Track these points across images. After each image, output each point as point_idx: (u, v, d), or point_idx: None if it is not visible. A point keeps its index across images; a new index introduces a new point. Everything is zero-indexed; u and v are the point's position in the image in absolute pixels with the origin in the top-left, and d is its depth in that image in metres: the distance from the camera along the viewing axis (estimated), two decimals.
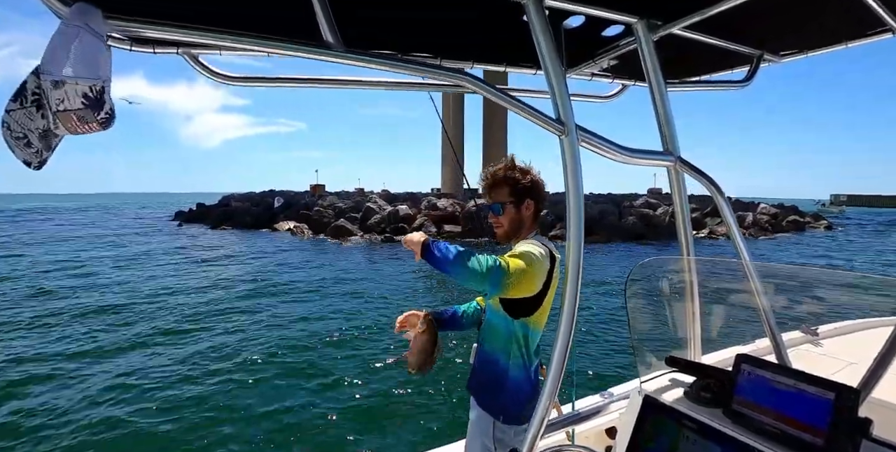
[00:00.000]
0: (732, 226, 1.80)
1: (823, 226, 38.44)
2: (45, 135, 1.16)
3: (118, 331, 8.89)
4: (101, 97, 1.08)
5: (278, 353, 7.72)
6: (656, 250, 24.13)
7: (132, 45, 1.47)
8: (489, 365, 1.70)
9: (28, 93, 1.12)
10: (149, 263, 17.75)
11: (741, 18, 1.79)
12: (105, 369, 6.90)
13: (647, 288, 1.98)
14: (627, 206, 33.03)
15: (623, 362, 7.08)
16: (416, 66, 1.43)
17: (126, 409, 5.62)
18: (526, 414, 1.60)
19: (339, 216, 30.98)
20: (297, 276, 15.25)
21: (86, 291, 12.74)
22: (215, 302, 11.51)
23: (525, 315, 1.64)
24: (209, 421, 5.34)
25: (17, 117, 1.13)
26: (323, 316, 10.25)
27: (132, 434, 5.05)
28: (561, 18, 1.78)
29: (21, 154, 1.17)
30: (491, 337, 1.70)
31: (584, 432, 2.16)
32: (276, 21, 1.56)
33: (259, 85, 1.81)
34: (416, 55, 1.97)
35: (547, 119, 1.42)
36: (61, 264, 17.39)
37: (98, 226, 36.95)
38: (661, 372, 1.73)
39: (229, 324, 9.54)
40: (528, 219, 1.76)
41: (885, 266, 20.55)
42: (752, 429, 1.27)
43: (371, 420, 5.46)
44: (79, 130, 1.13)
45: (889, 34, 1.84)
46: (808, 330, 2.89)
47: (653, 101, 1.84)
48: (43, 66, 1.04)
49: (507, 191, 1.73)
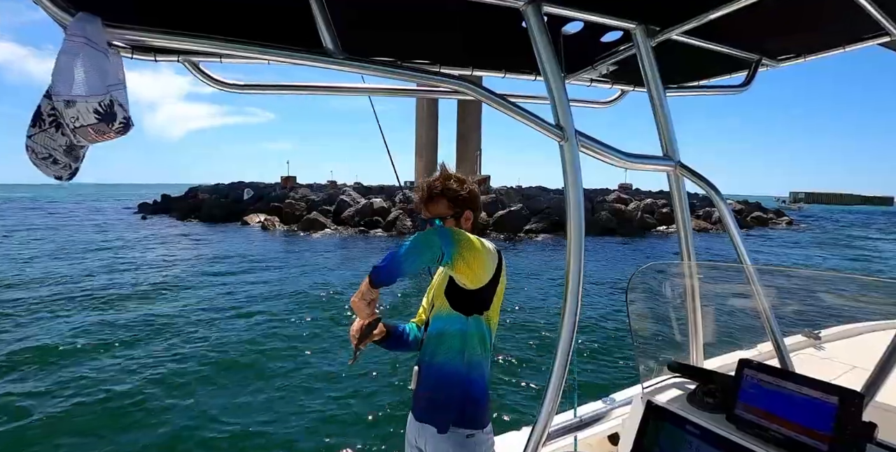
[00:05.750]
0: (733, 230, 1.80)
1: (785, 222, 40.82)
2: (69, 149, 1.21)
3: (72, 330, 8.57)
4: (110, 110, 1.13)
5: (246, 348, 7.62)
6: (624, 243, 24.76)
7: (133, 52, 1.48)
8: (442, 376, 1.59)
9: (45, 115, 1.16)
10: (106, 258, 16.82)
11: (739, 23, 1.80)
12: (53, 372, 6.63)
13: (648, 292, 1.98)
14: (600, 201, 33.34)
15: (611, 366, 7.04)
16: (415, 72, 1.43)
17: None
18: (486, 416, 1.60)
19: (312, 209, 30.36)
20: (268, 270, 14.97)
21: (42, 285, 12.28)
22: (178, 298, 11.20)
23: (478, 311, 1.58)
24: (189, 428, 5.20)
25: (39, 140, 1.18)
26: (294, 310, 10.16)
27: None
28: (560, 24, 1.80)
29: (50, 172, 1.23)
30: (441, 347, 1.59)
31: (586, 438, 2.15)
32: (277, 29, 1.57)
33: (260, 92, 1.82)
34: (416, 62, 1.98)
35: (546, 125, 1.43)
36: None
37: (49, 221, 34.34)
38: (664, 378, 1.73)
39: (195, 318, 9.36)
40: (468, 231, 1.67)
41: (851, 260, 21.29)
42: (756, 434, 1.26)
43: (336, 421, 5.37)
44: (98, 140, 1.19)
45: (886, 37, 1.85)
46: (810, 334, 2.88)
47: (652, 107, 1.85)
48: (53, 87, 1.08)
49: (446, 204, 1.65)
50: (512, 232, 26.84)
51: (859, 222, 50.44)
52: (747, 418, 1.30)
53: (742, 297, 1.91)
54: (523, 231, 27.31)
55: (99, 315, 9.69)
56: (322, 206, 30.85)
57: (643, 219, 31.55)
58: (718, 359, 2.33)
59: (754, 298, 1.77)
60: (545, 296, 12.16)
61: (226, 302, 11.11)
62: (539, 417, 1.45)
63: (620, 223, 29.72)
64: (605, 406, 2.37)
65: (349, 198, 30.95)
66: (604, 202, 33.32)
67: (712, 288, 1.98)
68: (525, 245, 23.47)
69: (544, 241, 24.38)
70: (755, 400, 1.29)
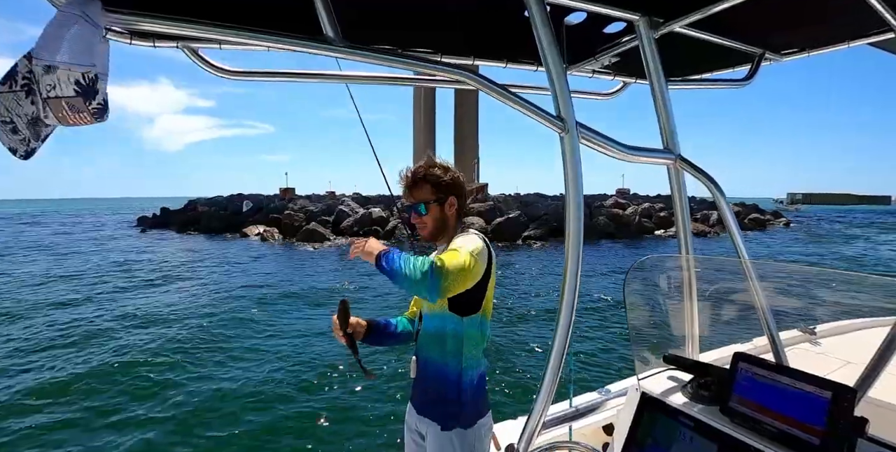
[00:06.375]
0: (732, 225, 1.80)
1: (782, 223, 41.04)
2: (34, 122, 1.11)
3: (79, 346, 8.15)
4: (93, 85, 1.05)
5: (257, 360, 7.38)
6: (622, 247, 24.73)
7: (132, 38, 1.46)
8: (440, 375, 1.59)
9: (18, 76, 1.07)
10: (105, 274, 16.16)
11: (743, 17, 1.79)
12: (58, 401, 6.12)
13: (646, 285, 1.98)
14: (598, 206, 33.37)
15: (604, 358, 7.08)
16: (416, 61, 1.42)
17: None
18: (485, 408, 1.61)
19: (311, 219, 30.22)
20: (269, 281, 14.54)
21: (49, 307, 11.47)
22: (183, 315, 10.60)
23: (474, 311, 1.57)
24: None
25: (4, 100, 1.08)
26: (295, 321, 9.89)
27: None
28: (562, 15, 1.78)
29: (7, 140, 1.12)
30: (436, 345, 1.60)
31: (581, 428, 2.17)
32: (277, 15, 1.55)
33: (259, 79, 1.80)
34: (417, 51, 1.97)
35: (547, 116, 1.42)
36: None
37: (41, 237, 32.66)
38: (659, 370, 1.74)
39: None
40: (452, 218, 1.67)
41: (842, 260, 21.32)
42: (749, 427, 1.27)
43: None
44: (70, 120, 1.09)
45: (891, 34, 1.84)
46: (805, 330, 2.89)
47: (653, 99, 1.84)
48: (36, 50, 1.01)
49: (429, 189, 1.64)
50: (510, 239, 26.77)
51: (858, 222, 50.59)
52: (741, 411, 1.31)
53: (738, 292, 1.92)
54: (521, 238, 27.25)
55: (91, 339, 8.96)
56: (321, 217, 30.79)
57: (641, 223, 31.55)
58: (714, 352, 2.35)
59: (751, 293, 1.78)
60: (543, 293, 12.21)
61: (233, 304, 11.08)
62: (535, 406, 1.46)
63: (619, 228, 29.68)
64: (601, 396, 2.39)
65: (348, 208, 30.91)
66: (601, 207, 33.31)
67: (709, 282, 1.99)
68: (524, 251, 23.35)
69: (543, 249, 24.24)
70: (749, 394, 1.30)
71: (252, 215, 35.01)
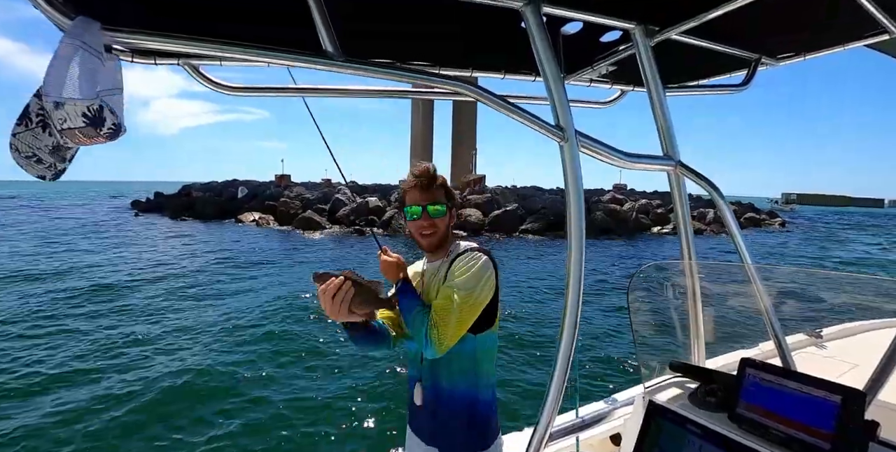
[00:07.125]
0: (733, 229, 1.80)
1: (778, 223, 41.20)
2: (56, 149, 1.19)
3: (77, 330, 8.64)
4: (99, 115, 1.11)
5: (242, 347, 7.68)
6: (621, 244, 24.67)
7: (133, 56, 1.48)
8: (454, 401, 1.51)
9: (32, 115, 1.15)
10: (102, 254, 16.93)
11: (738, 23, 1.80)
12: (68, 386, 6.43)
13: (650, 292, 1.98)
14: (595, 202, 33.45)
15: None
16: (414, 74, 1.43)
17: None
18: (496, 428, 1.57)
19: (307, 207, 30.40)
20: (264, 265, 15.01)
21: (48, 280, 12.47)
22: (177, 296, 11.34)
23: (489, 326, 1.51)
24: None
25: (24, 139, 1.16)
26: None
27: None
28: (559, 25, 1.80)
29: (33, 171, 1.20)
30: (451, 369, 1.50)
31: (588, 439, 2.15)
32: (276, 32, 1.57)
33: (258, 95, 1.83)
34: (415, 63, 1.99)
35: (546, 125, 1.43)
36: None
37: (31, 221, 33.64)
38: (666, 378, 1.72)
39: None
40: (449, 231, 1.62)
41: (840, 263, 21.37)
42: (758, 434, 1.26)
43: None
44: (87, 143, 1.17)
45: (885, 36, 1.85)
46: (812, 333, 2.87)
47: (651, 106, 1.85)
48: (44, 88, 1.07)
49: (444, 193, 1.57)
50: (507, 232, 26.82)
51: (854, 223, 51.26)
52: (749, 417, 1.29)
53: (743, 296, 1.91)
54: (518, 231, 27.29)
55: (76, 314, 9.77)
56: (317, 205, 30.83)
57: (638, 219, 31.57)
58: (720, 358, 2.33)
59: (756, 297, 1.77)
60: (544, 297, 12.15)
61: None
62: (541, 418, 1.44)
63: (617, 224, 29.75)
64: (607, 406, 2.37)
65: (344, 196, 30.95)
66: (599, 202, 33.46)
67: (714, 288, 1.98)
68: (520, 244, 23.39)
69: (540, 241, 24.28)
70: (757, 399, 1.29)
71: (247, 202, 35.04)
